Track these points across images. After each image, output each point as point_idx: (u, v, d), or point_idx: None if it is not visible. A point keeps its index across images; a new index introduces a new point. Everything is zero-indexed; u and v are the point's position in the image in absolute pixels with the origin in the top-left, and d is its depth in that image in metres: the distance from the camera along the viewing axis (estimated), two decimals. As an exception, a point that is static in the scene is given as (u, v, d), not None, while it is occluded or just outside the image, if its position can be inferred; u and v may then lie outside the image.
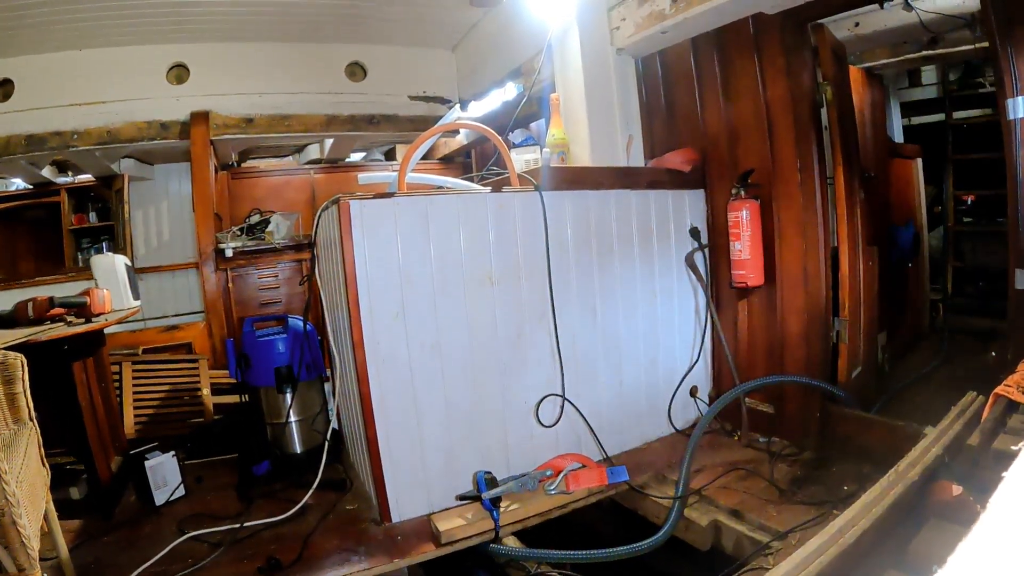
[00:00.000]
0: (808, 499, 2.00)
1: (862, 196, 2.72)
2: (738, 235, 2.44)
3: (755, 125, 2.49)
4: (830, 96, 2.51)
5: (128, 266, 3.08)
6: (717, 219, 2.65)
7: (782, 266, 2.47)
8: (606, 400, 2.44)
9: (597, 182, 2.38)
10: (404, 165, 2.20)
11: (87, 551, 2.08)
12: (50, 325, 2.27)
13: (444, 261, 2.10)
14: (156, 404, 3.43)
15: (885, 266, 3.02)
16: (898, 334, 3.36)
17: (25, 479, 1.49)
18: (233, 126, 4.07)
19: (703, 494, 2.14)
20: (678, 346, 2.68)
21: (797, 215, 2.41)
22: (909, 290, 3.72)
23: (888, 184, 3.55)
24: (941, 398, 2.28)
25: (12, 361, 1.73)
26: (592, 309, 2.40)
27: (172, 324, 4.36)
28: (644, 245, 2.52)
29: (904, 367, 3.18)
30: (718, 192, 2.63)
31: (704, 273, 2.65)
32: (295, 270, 4.58)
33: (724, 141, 2.60)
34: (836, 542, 0.83)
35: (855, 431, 2.30)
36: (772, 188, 2.46)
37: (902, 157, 3.92)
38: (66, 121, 3.88)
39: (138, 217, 4.98)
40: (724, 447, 2.49)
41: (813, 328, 2.42)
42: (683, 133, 2.74)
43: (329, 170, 5.37)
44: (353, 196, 1.98)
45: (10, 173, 4.78)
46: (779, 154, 2.44)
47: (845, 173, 2.53)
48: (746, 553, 1.87)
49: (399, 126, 4.43)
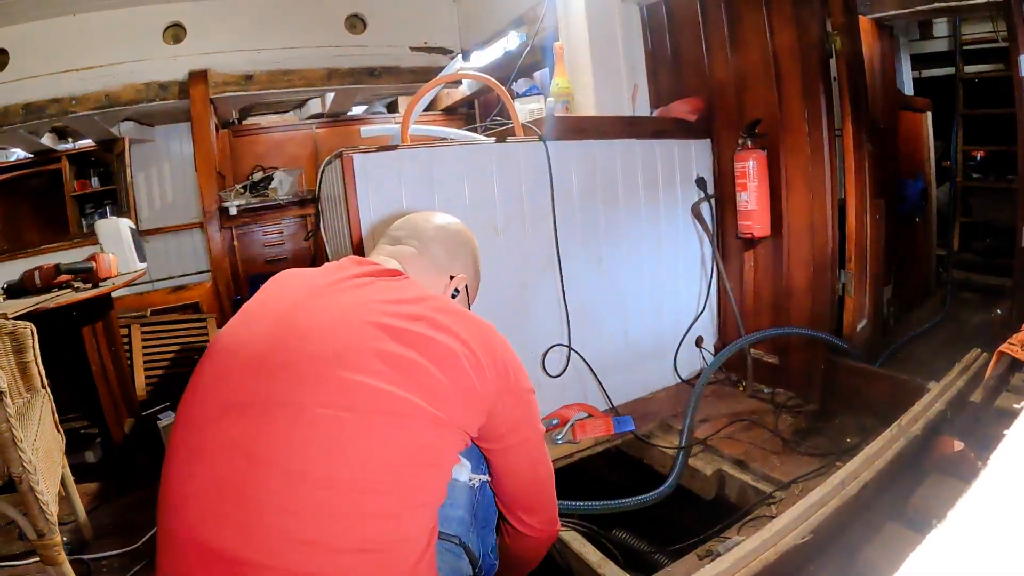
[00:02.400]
0: (811, 450, 2.02)
1: (870, 148, 2.67)
2: (744, 185, 2.42)
3: (763, 75, 2.44)
4: (839, 46, 2.44)
5: (133, 229, 3.08)
6: (723, 169, 2.62)
7: (789, 217, 2.46)
8: (612, 350, 2.45)
9: (602, 131, 2.35)
10: (407, 117, 2.18)
11: (105, 513, 2.14)
12: (57, 292, 2.28)
13: (449, 212, 2.08)
14: (166, 365, 3.47)
15: (892, 220, 2.99)
16: (904, 288, 3.34)
17: (41, 446, 1.52)
18: (232, 83, 4.02)
19: (708, 444, 2.16)
20: (683, 296, 2.68)
21: (804, 166, 2.38)
22: (916, 244, 3.69)
23: (897, 137, 3.49)
24: (945, 354, 2.30)
25: (22, 330, 1.75)
26: (598, 259, 2.39)
27: (179, 285, 4.38)
28: (650, 195, 2.50)
29: (909, 321, 3.18)
30: (724, 142, 2.60)
31: (710, 223, 2.64)
32: (300, 225, 4.59)
33: (731, 90, 2.55)
34: (838, 493, 0.84)
35: (859, 384, 2.31)
36: (779, 139, 2.43)
37: (912, 110, 3.85)
38: (63, 87, 3.82)
39: (140, 179, 4.97)
40: (729, 397, 2.51)
41: (819, 280, 2.41)
42: (689, 82, 2.69)
43: (331, 124, 5.32)
44: (356, 150, 1.96)
45: (9, 143, 4.76)
46: (787, 104, 2.40)
47: (853, 125, 2.48)
48: (750, 502, 1.89)
49: (401, 78, 4.35)
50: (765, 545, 0.73)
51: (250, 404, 0.87)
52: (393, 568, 0.82)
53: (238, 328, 1.00)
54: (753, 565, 0.70)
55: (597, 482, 2.28)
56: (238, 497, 0.81)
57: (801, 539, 0.75)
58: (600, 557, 1.67)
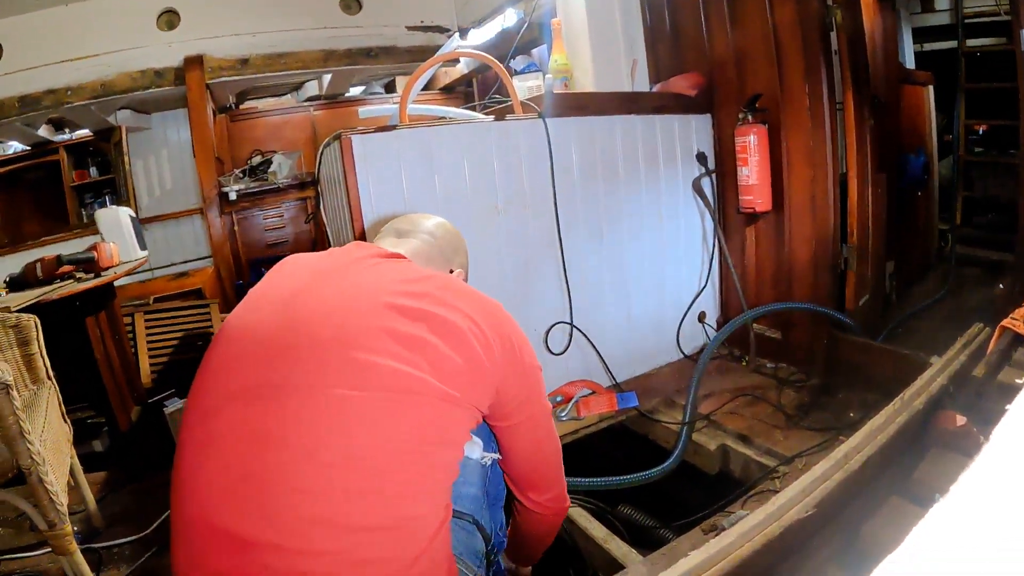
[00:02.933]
0: (814, 425, 2.03)
1: (872, 122, 2.65)
2: (745, 160, 2.40)
3: (763, 49, 2.41)
4: (840, 19, 2.42)
5: (133, 217, 3.08)
6: (724, 144, 2.60)
7: (790, 192, 2.45)
8: (614, 326, 2.46)
9: (601, 108, 2.33)
10: (404, 97, 2.16)
11: (114, 501, 2.15)
12: (60, 283, 2.29)
13: (449, 192, 2.08)
14: (170, 351, 3.48)
15: (894, 194, 2.97)
16: (906, 263, 3.34)
17: (48, 437, 1.53)
18: (228, 68, 4.00)
19: (712, 419, 2.17)
20: (685, 272, 2.68)
21: (805, 140, 2.36)
22: (918, 219, 3.68)
23: (899, 111, 3.46)
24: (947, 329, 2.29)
25: (26, 323, 1.76)
26: (599, 236, 2.39)
27: (181, 271, 4.39)
28: (650, 171, 2.49)
29: (911, 296, 3.18)
30: (725, 117, 2.58)
31: (711, 199, 2.63)
32: (300, 208, 4.58)
33: (731, 65, 2.53)
34: (841, 467, 0.84)
35: (862, 359, 2.31)
36: (780, 113, 2.41)
37: (913, 84, 3.81)
38: (59, 78, 3.82)
39: (139, 167, 4.96)
40: (732, 372, 2.52)
41: (821, 255, 2.41)
42: (689, 57, 2.66)
43: (329, 106, 5.30)
44: (354, 131, 1.95)
45: (6, 136, 4.73)
46: (787, 79, 2.38)
47: (855, 98, 2.46)
48: (754, 477, 1.91)
49: (398, 58, 4.34)
50: (769, 519, 0.73)
51: (260, 388, 0.87)
52: (408, 545, 0.82)
53: (245, 314, 1.00)
54: (758, 539, 0.70)
55: (602, 458, 2.29)
56: (251, 480, 0.82)
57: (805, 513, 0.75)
58: (606, 533, 1.68)
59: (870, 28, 3.05)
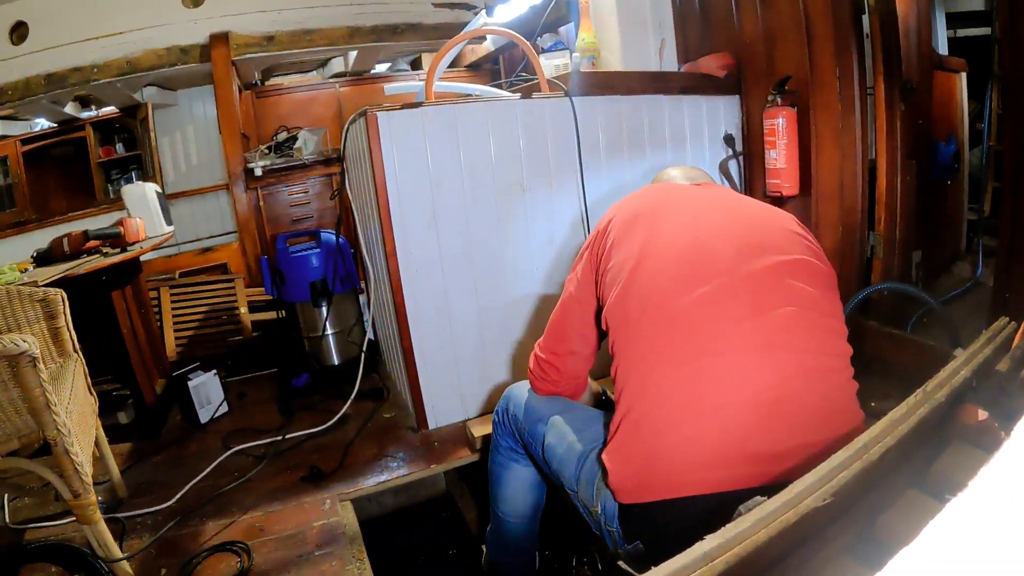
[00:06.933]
0: (835, 413, 2.02)
1: (903, 108, 2.60)
2: (774, 143, 2.37)
3: (793, 30, 2.37)
4: (872, 1, 2.38)
5: (159, 193, 3.11)
6: (752, 126, 2.57)
7: (818, 176, 2.41)
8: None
9: (629, 87, 2.31)
10: (431, 74, 2.16)
11: (138, 472, 2.19)
12: (87, 258, 2.32)
13: (474, 169, 2.09)
14: (195, 325, 3.53)
15: (923, 182, 2.93)
16: (933, 253, 3.28)
17: (74, 409, 1.55)
18: (254, 45, 4.01)
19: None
20: (710, 255, 2.65)
21: (835, 125, 2.33)
22: (946, 208, 3.62)
23: (930, 98, 3.39)
24: (973, 321, 2.26)
25: (53, 297, 1.78)
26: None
27: (206, 246, 4.44)
28: (677, 152, 2.47)
29: (937, 287, 3.13)
30: (753, 99, 2.54)
31: (738, 181, 2.60)
32: (325, 185, 4.58)
33: (760, 46, 2.49)
34: (861, 457, 0.83)
35: (885, 348, 2.29)
36: (810, 96, 2.37)
37: (946, 70, 3.73)
38: (85, 56, 3.85)
39: (165, 144, 5.01)
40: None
41: (847, 241, 2.38)
42: (718, 38, 2.62)
43: (354, 83, 5.30)
44: (380, 108, 1.96)
45: (33, 113, 4.81)
46: (818, 61, 2.34)
47: (886, 83, 2.41)
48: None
49: (424, 35, 4.32)
50: (786, 506, 0.73)
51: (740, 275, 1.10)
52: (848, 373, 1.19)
53: (655, 234, 1.15)
54: (774, 526, 0.70)
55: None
56: None
57: (822, 501, 0.75)
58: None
59: (903, 11, 2.98)
